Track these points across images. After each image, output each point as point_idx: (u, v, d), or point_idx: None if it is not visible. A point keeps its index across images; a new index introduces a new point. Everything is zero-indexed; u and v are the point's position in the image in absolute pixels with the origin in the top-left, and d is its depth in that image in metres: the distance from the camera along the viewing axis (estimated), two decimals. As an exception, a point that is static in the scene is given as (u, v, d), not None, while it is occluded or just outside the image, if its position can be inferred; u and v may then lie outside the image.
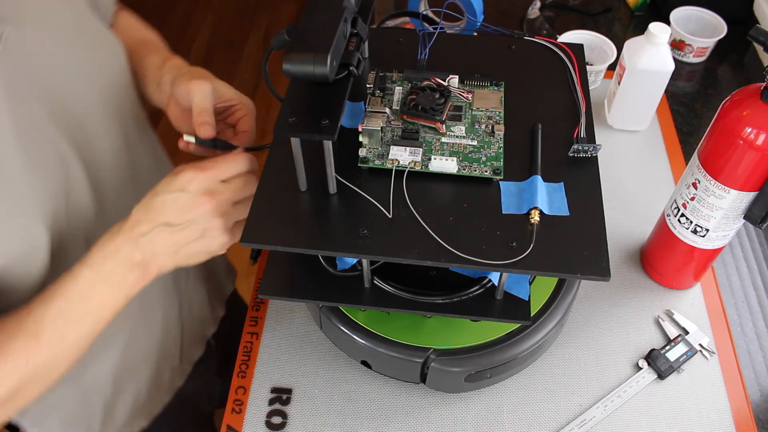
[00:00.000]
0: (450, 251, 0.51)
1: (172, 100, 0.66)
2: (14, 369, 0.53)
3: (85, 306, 0.55)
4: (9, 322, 0.54)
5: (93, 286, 0.55)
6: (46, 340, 0.54)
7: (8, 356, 0.53)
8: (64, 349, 0.55)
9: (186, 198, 0.54)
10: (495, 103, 0.62)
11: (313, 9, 0.52)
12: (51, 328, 0.54)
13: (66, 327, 0.55)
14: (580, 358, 0.70)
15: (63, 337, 0.55)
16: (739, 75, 1.06)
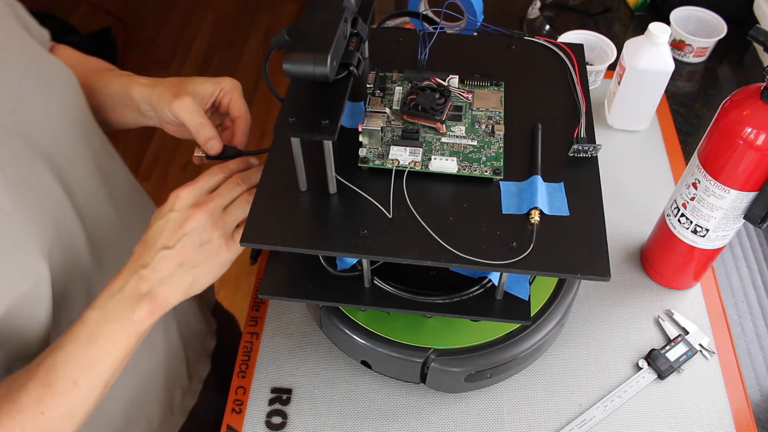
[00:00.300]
0: (450, 251, 0.51)
1: (163, 122, 0.67)
2: (30, 422, 0.51)
3: (95, 347, 0.53)
4: (21, 375, 0.53)
5: (100, 326, 0.53)
6: (58, 388, 0.52)
7: (22, 409, 0.51)
8: (78, 396, 0.53)
9: (175, 216, 0.55)
10: (495, 103, 0.62)
11: (313, 9, 0.52)
12: (62, 375, 0.52)
13: (78, 372, 0.53)
14: (580, 358, 0.70)
15: (76, 382, 0.53)
16: (739, 75, 1.06)
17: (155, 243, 0.55)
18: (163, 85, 0.66)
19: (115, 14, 2.55)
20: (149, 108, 0.67)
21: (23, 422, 0.51)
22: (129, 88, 0.68)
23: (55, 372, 0.52)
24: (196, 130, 0.62)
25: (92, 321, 0.54)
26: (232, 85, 0.66)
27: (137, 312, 0.54)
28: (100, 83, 0.71)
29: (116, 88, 0.69)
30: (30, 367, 0.53)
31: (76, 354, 0.53)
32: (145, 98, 0.66)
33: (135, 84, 0.68)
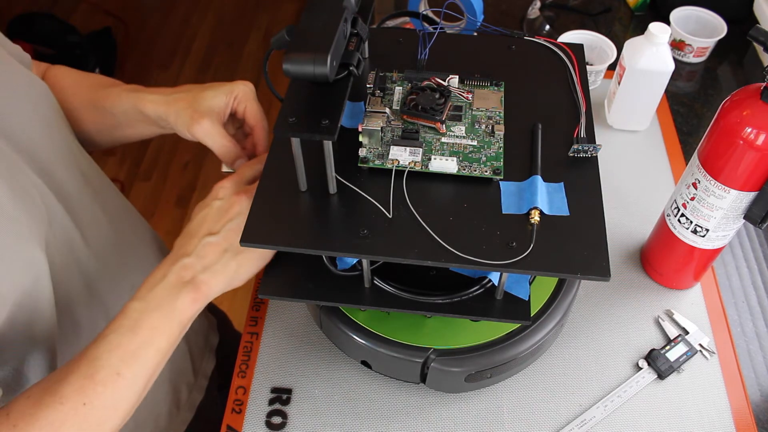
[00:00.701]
0: (450, 251, 0.51)
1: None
2: (72, 413, 0.50)
3: (138, 337, 0.53)
4: (63, 369, 0.52)
5: (143, 316, 0.53)
6: (101, 378, 0.51)
7: (64, 399, 0.50)
8: (121, 388, 0.52)
9: (219, 204, 0.57)
10: (495, 103, 0.62)
11: (313, 9, 0.52)
12: (105, 366, 0.52)
13: (120, 363, 0.52)
14: (580, 358, 0.70)
15: (119, 373, 0.52)
16: (739, 75, 1.06)
17: (198, 231, 0.55)
18: (177, 105, 0.65)
19: (115, 14, 2.55)
20: (166, 124, 0.67)
21: (65, 413, 0.50)
22: (141, 106, 0.67)
23: (97, 362, 0.52)
24: (221, 153, 0.64)
25: (134, 311, 0.54)
26: (245, 92, 0.66)
27: (180, 300, 0.54)
28: (107, 101, 0.70)
29: (126, 105, 0.69)
30: (72, 360, 0.53)
31: (119, 344, 0.52)
32: (161, 116, 0.66)
33: (146, 102, 0.67)
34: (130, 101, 0.68)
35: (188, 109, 0.64)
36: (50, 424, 0.49)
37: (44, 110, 0.63)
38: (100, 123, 0.72)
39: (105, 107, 0.70)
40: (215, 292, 0.56)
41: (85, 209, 0.65)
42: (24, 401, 0.50)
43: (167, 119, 0.65)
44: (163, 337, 0.54)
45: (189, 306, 0.55)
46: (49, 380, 0.52)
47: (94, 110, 0.71)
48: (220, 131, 0.63)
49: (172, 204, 1.96)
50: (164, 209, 1.95)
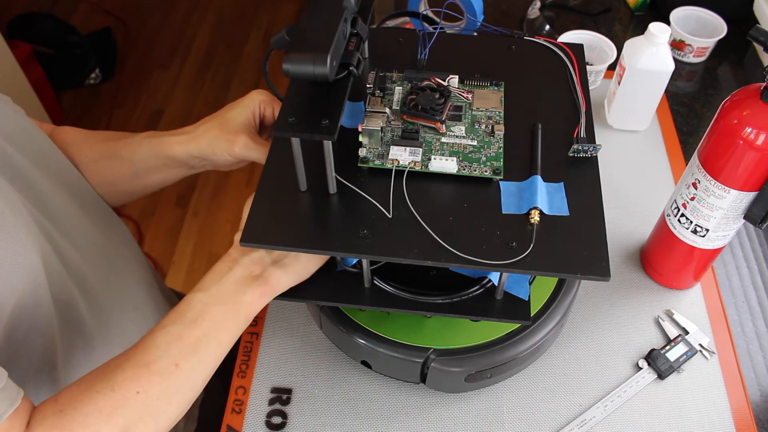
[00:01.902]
0: (450, 251, 0.51)
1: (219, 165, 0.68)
2: (123, 401, 0.48)
3: (200, 329, 0.52)
4: (118, 357, 0.51)
5: (207, 308, 0.52)
6: (157, 368, 0.50)
7: (116, 386, 0.49)
8: (177, 380, 0.51)
9: None
10: (495, 103, 0.62)
11: (313, 9, 0.52)
12: (163, 355, 0.50)
13: (179, 354, 0.51)
14: (580, 358, 0.70)
15: (177, 365, 0.50)
16: (739, 75, 1.06)
17: None
18: (208, 135, 0.65)
19: (115, 14, 2.55)
20: (199, 160, 0.66)
21: (116, 400, 0.48)
22: (167, 150, 0.67)
23: (154, 352, 0.50)
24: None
25: (198, 303, 0.53)
26: (263, 96, 0.66)
27: (248, 294, 0.54)
28: (125, 150, 0.69)
29: (148, 152, 0.68)
30: (128, 349, 0.51)
31: (179, 335, 0.51)
32: (193, 153, 0.66)
33: (172, 144, 0.67)
34: (153, 148, 0.68)
35: (222, 134, 0.64)
36: (98, 411, 0.48)
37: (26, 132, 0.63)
38: (117, 174, 0.71)
39: (123, 156, 0.69)
40: (283, 287, 0.56)
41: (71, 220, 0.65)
42: (74, 387, 0.49)
43: (201, 153, 0.65)
44: (226, 331, 0.54)
45: (256, 300, 0.54)
46: (103, 368, 0.51)
47: (110, 161, 0.70)
48: (259, 141, 0.64)
49: (172, 204, 1.96)
50: (164, 209, 1.95)
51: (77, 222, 0.66)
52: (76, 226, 0.65)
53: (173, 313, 0.53)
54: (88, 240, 0.67)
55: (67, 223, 0.64)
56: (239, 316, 0.54)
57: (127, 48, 2.44)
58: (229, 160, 0.65)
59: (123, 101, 2.25)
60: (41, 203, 0.61)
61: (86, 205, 0.69)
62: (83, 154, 0.71)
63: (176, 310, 0.53)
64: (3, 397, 0.46)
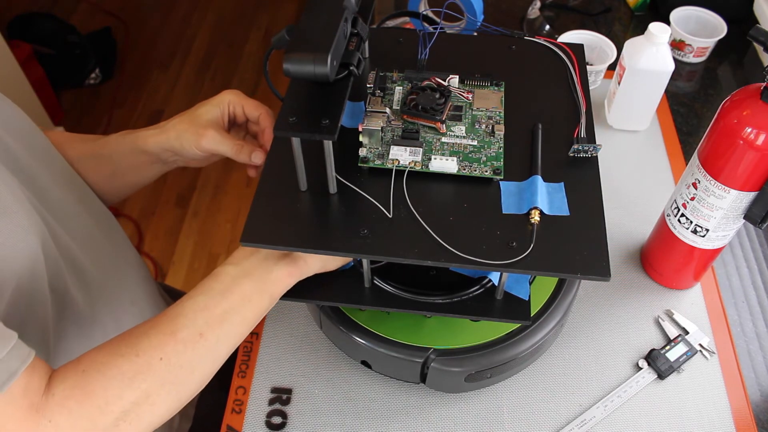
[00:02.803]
0: (450, 251, 0.51)
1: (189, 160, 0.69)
2: (147, 366, 0.49)
3: (227, 301, 0.53)
4: (143, 325, 0.51)
5: (236, 281, 0.53)
6: (182, 337, 0.50)
7: (140, 352, 0.49)
8: (201, 350, 0.51)
9: None
10: (495, 103, 0.62)
11: (313, 8, 0.52)
12: (189, 324, 0.51)
13: (205, 324, 0.51)
14: (580, 358, 0.70)
15: (202, 334, 0.51)
16: (739, 75, 1.06)
17: None
18: (177, 129, 0.66)
19: (115, 14, 2.55)
20: (171, 154, 0.68)
21: (139, 365, 0.49)
22: (141, 144, 0.68)
23: (181, 321, 0.51)
24: (235, 153, 0.64)
25: (227, 275, 0.53)
26: (233, 96, 0.67)
27: (276, 272, 0.54)
28: (105, 149, 0.71)
29: (124, 148, 0.70)
30: (154, 318, 0.52)
31: (206, 305, 0.52)
32: (164, 146, 0.67)
33: (145, 138, 0.68)
34: (127, 143, 0.69)
35: (190, 127, 0.65)
36: (121, 374, 0.48)
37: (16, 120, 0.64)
38: (98, 173, 0.73)
39: (103, 154, 0.71)
40: (310, 271, 0.57)
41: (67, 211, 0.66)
42: (97, 351, 0.50)
43: (171, 146, 0.66)
44: (252, 306, 0.54)
45: (283, 279, 0.55)
46: (128, 334, 0.51)
47: (92, 160, 0.72)
48: (226, 135, 0.65)
49: (172, 204, 1.96)
50: (164, 209, 1.95)
51: (76, 216, 0.66)
52: (74, 220, 0.66)
53: (202, 285, 0.53)
54: (87, 233, 0.67)
55: (66, 216, 0.64)
56: (265, 293, 0.55)
57: (127, 48, 2.44)
58: (197, 154, 0.66)
59: (123, 101, 2.25)
60: (41, 195, 0.61)
61: (84, 201, 0.70)
62: (67, 155, 0.72)
63: (205, 282, 0.54)
64: (15, 355, 0.47)
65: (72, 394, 0.48)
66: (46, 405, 0.47)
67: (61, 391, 0.48)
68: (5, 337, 0.47)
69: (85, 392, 0.48)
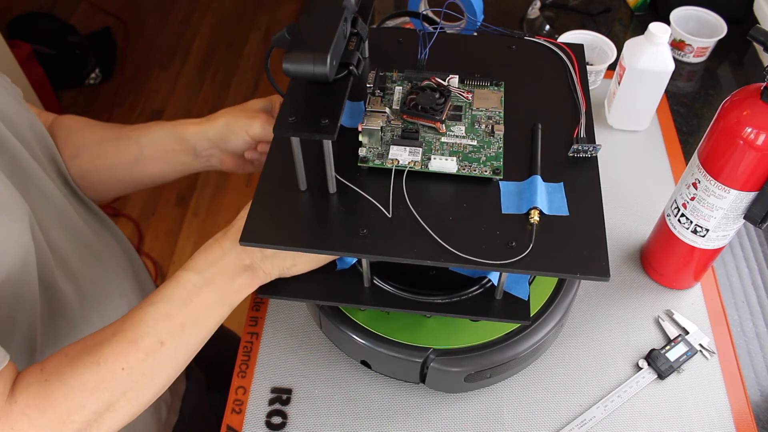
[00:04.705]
0: (450, 251, 0.51)
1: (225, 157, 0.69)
2: (109, 375, 0.49)
3: (189, 309, 0.53)
4: (103, 331, 0.52)
5: (198, 289, 0.53)
6: (144, 345, 0.51)
7: (102, 360, 0.49)
8: (162, 358, 0.52)
9: None
10: (495, 103, 0.62)
11: (313, 8, 0.52)
12: (150, 333, 0.51)
13: (165, 332, 0.52)
14: (580, 358, 0.70)
15: (162, 343, 0.51)
16: (739, 75, 1.06)
17: None
18: (224, 116, 0.67)
19: (115, 14, 2.55)
20: (209, 145, 0.68)
21: (102, 374, 0.49)
22: (180, 131, 0.68)
23: (142, 328, 0.51)
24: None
25: (189, 282, 0.53)
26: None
27: (237, 281, 0.55)
28: (135, 132, 0.70)
29: (160, 134, 0.69)
30: (114, 323, 0.52)
31: (167, 313, 0.52)
32: (206, 136, 0.67)
33: (185, 126, 0.68)
34: (165, 129, 0.69)
35: (241, 113, 0.66)
36: (83, 384, 0.49)
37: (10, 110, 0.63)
38: (119, 157, 0.71)
39: (130, 137, 0.70)
40: (270, 279, 0.57)
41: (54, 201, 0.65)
42: (61, 358, 0.50)
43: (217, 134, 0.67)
44: (212, 315, 0.55)
45: (243, 289, 0.55)
46: (90, 340, 0.51)
47: (116, 142, 0.71)
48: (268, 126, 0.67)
49: (172, 204, 1.96)
50: (164, 209, 1.95)
51: (63, 207, 0.65)
52: (61, 211, 0.65)
53: (163, 290, 0.53)
54: (73, 224, 0.67)
55: (53, 206, 0.64)
56: (225, 302, 0.55)
57: (127, 48, 2.44)
58: (245, 141, 0.66)
59: (123, 101, 2.25)
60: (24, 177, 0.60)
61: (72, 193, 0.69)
62: (87, 137, 0.71)
63: (166, 287, 0.53)
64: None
65: (34, 404, 0.48)
66: (9, 412, 0.47)
67: (23, 399, 0.48)
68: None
69: (47, 401, 0.48)
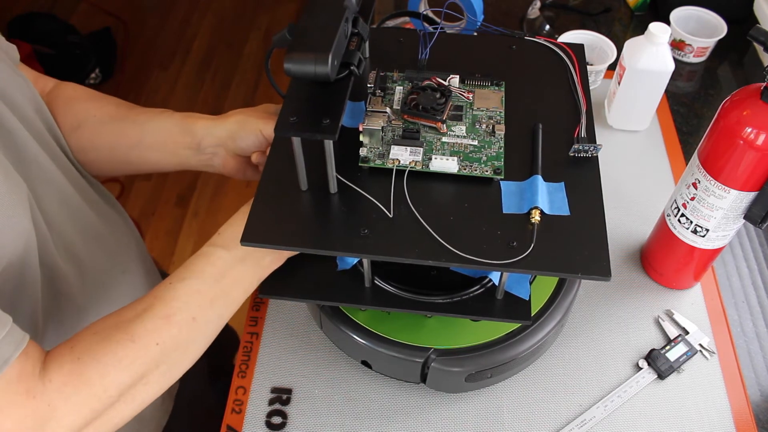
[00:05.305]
0: (451, 251, 0.51)
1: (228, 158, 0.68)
2: (143, 351, 0.50)
3: (219, 286, 0.54)
4: (132, 307, 0.52)
5: (229, 267, 0.54)
6: (176, 321, 0.52)
7: (136, 337, 0.50)
8: (193, 333, 0.53)
9: None
10: (496, 102, 0.62)
11: (314, 8, 0.52)
12: (182, 308, 0.52)
13: (197, 308, 0.53)
14: (580, 358, 0.70)
15: (194, 318, 0.53)
16: (739, 75, 1.06)
17: None
18: (238, 114, 0.66)
19: (115, 14, 2.54)
20: (216, 143, 0.67)
21: (135, 351, 0.50)
22: (188, 123, 0.68)
23: (175, 304, 0.52)
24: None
25: (220, 260, 0.54)
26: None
27: (266, 258, 0.56)
28: (141, 115, 0.69)
29: (167, 123, 0.68)
30: (141, 300, 0.53)
31: (198, 290, 0.53)
32: (215, 133, 0.67)
33: (196, 119, 0.68)
34: (173, 118, 0.69)
35: (255, 113, 0.67)
36: (118, 360, 0.49)
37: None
38: (120, 139, 0.70)
39: (135, 121, 0.69)
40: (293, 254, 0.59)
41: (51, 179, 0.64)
42: (90, 336, 0.50)
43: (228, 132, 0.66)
44: (241, 290, 0.56)
45: (272, 265, 0.57)
46: (118, 317, 0.52)
47: (119, 123, 0.69)
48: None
49: (172, 204, 1.96)
50: (164, 209, 1.95)
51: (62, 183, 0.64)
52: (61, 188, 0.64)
53: (193, 266, 0.54)
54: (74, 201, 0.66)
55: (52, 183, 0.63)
56: (255, 278, 0.56)
57: (127, 48, 2.44)
58: (257, 140, 0.66)
59: (123, 101, 2.25)
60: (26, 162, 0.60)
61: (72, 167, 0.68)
62: (90, 112, 0.69)
63: (196, 263, 0.54)
64: (9, 341, 0.47)
65: (69, 381, 0.48)
66: (44, 390, 0.47)
67: (58, 378, 0.48)
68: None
69: (82, 380, 0.48)
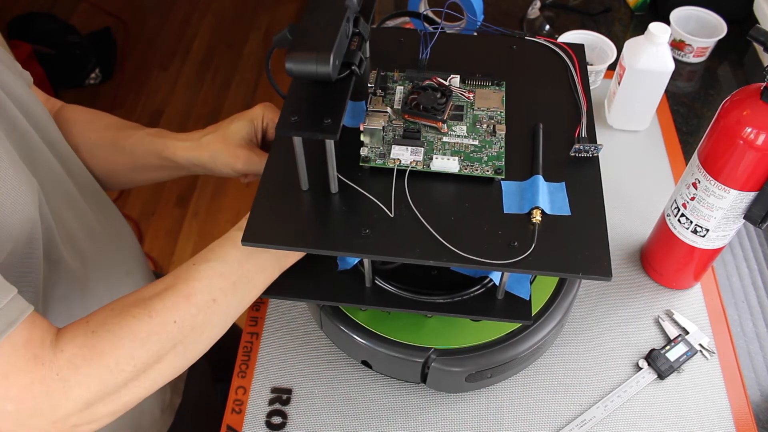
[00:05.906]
0: (452, 251, 0.51)
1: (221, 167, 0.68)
2: (160, 328, 0.50)
3: (242, 270, 0.54)
4: (153, 286, 0.52)
5: (253, 252, 0.55)
6: (196, 301, 0.52)
7: (154, 313, 0.50)
8: (212, 315, 0.53)
9: None
10: (496, 102, 0.62)
11: (315, 8, 0.52)
12: (203, 290, 0.52)
13: (218, 291, 0.53)
14: (580, 358, 0.70)
15: (215, 300, 0.53)
16: (739, 75, 1.06)
17: None
18: (211, 148, 0.66)
19: (115, 14, 2.55)
20: (200, 168, 0.68)
21: (152, 326, 0.50)
22: (170, 153, 0.68)
23: (196, 285, 0.52)
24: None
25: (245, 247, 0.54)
26: (266, 110, 0.68)
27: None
28: (128, 142, 0.70)
29: (150, 149, 0.69)
30: (161, 280, 0.53)
31: (221, 273, 0.53)
32: (195, 162, 0.67)
33: (176, 148, 0.68)
34: (155, 147, 0.69)
35: (224, 148, 0.66)
36: (133, 334, 0.49)
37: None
38: (117, 163, 0.72)
39: (125, 147, 0.70)
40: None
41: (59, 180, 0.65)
42: (107, 312, 0.50)
43: (202, 163, 0.67)
44: (263, 278, 0.56)
45: (295, 254, 0.57)
46: (137, 295, 0.52)
47: (112, 149, 0.71)
48: (259, 154, 0.66)
49: (172, 204, 1.96)
50: (164, 209, 1.95)
51: (69, 190, 0.65)
52: (68, 193, 0.65)
53: (218, 249, 0.54)
54: (80, 207, 0.67)
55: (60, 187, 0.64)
56: (277, 266, 0.57)
57: (127, 48, 2.44)
58: (231, 173, 0.67)
59: (123, 101, 2.25)
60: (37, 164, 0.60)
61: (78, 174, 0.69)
62: (85, 136, 0.70)
63: (221, 246, 0.55)
64: (14, 306, 0.47)
65: (81, 353, 0.48)
66: (54, 360, 0.47)
67: (70, 348, 0.48)
68: (4, 290, 0.47)
69: (94, 351, 0.48)
